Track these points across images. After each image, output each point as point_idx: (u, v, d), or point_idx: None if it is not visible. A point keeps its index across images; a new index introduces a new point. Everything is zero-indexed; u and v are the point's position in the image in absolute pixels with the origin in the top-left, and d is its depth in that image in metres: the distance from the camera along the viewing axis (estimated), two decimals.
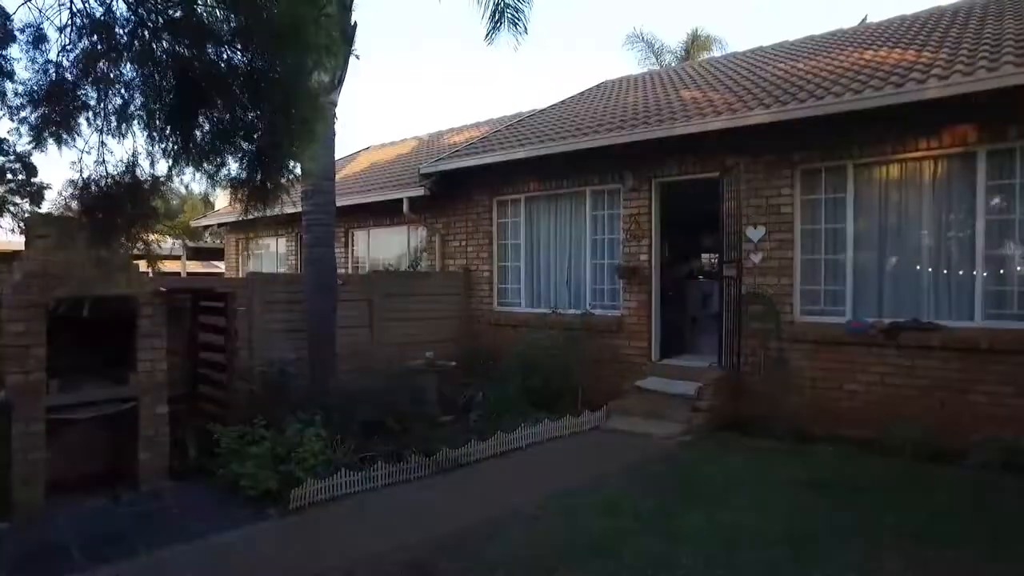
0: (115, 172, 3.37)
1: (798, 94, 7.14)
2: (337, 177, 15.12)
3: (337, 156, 8.08)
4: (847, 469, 5.89)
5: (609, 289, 9.05)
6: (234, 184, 3.37)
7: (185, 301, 6.69)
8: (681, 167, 8.21)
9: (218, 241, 18.15)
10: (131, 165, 3.33)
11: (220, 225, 15.96)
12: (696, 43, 23.76)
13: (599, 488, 5.51)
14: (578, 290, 9.35)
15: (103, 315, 5.68)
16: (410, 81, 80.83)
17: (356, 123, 72.24)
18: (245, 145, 3.22)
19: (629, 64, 32.88)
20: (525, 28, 8.68)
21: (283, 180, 3.33)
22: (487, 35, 8.78)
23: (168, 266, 18.53)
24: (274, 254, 15.17)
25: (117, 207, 3.45)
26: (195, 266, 20.86)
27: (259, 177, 3.25)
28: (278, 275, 11.42)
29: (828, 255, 7.29)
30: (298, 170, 3.45)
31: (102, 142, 3.20)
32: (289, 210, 11.98)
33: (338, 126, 7.63)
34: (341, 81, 7.63)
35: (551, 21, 67.99)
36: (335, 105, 7.58)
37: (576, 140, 8.62)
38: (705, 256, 13.13)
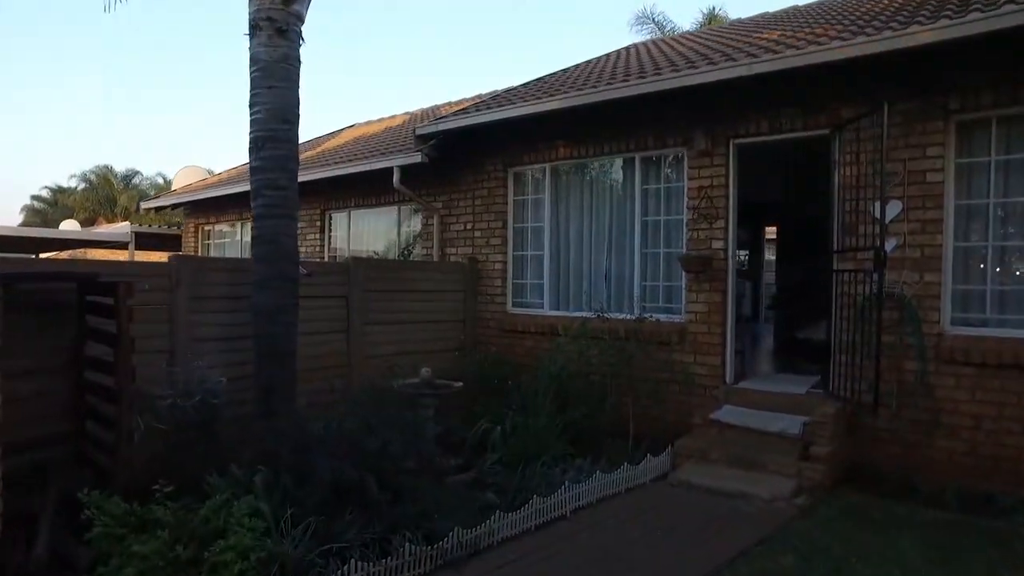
0: None
1: (971, 4, 4.99)
2: (315, 152, 12.86)
3: (316, 134, 5.95)
4: None
5: (664, 287, 6.87)
6: None
7: (66, 295, 4.44)
8: (773, 123, 6.05)
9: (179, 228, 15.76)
10: None
11: (175, 206, 13.63)
12: (714, 23, 21.73)
13: None
14: (621, 288, 7.17)
15: None
16: (386, 64, 78.48)
17: (333, 106, 69.83)
18: None
19: None
20: None
21: None
22: None
23: (115, 256, 16.11)
24: (239, 242, 12.86)
25: None
26: (154, 256, 18.38)
27: None
28: (217, 259, 9.07)
29: (996, 242, 5.19)
30: None
31: None
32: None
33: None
34: None
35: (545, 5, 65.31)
36: (301, 20, 5.35)
37: (628, 86, 6.40)
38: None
